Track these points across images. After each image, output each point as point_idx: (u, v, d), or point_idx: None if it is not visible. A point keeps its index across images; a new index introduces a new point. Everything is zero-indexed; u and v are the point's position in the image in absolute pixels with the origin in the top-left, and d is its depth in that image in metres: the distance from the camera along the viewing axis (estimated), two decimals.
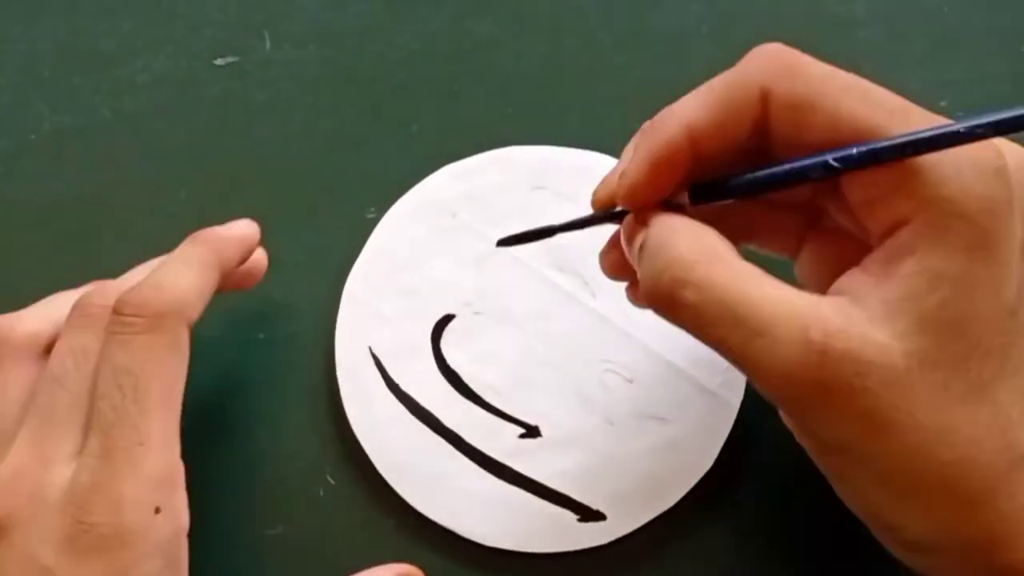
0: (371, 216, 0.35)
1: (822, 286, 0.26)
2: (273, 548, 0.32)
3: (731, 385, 0.32)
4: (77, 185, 0.37)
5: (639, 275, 0.26)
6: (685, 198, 0.26)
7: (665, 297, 0.25)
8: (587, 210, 0.28)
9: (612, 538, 0.32)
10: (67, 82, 0.38)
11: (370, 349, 0.33)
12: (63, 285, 0.32)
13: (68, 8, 0.39)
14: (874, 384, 0.23)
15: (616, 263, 0.29)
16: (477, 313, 0.34)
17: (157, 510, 0.27)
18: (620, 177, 0.26)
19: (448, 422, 0.33)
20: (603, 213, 0.27)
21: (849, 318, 0.24)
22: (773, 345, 0.24)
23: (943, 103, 0.35)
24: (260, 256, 0.33)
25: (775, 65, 0.25)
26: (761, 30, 0.37)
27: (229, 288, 0.32)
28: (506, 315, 0.34)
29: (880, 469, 0.25)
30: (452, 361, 0.33)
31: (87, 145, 0.37)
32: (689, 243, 0.25)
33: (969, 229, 0.23)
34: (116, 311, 0.27)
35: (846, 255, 0.26)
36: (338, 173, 0.33)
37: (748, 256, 0.25)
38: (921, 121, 0.24)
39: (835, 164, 0.24)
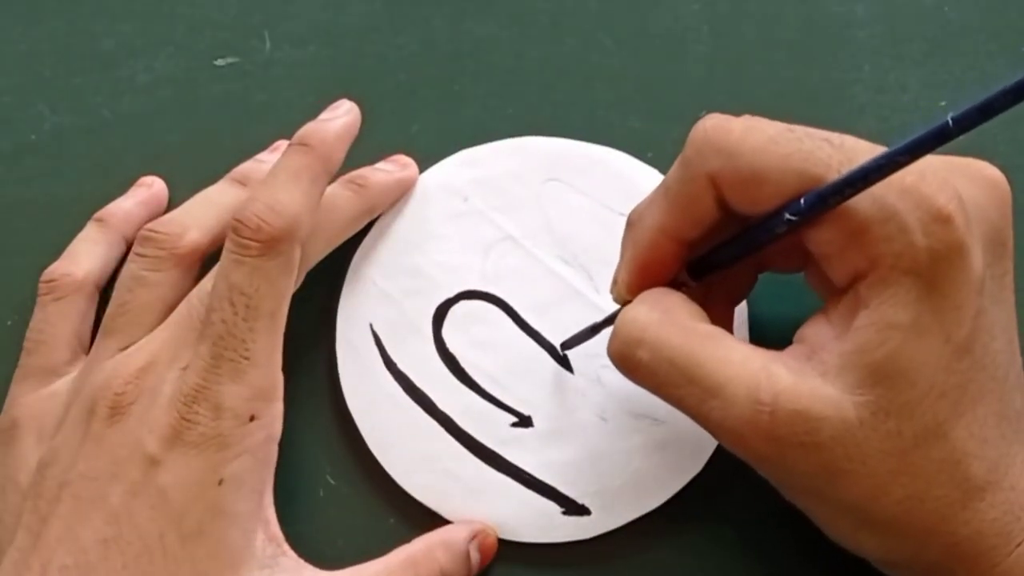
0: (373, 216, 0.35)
1: (826, 293, 0.28)
2: None
3: None
4: (77, 185, 0.37)
5: None
6: (686, 276, 0.29)
7: (621, 356, 0.27)
8: (598, 204, 0.32)
9: (594, 534, 0.32)
10: (67, 82, 0.38)
11: (371, 326, 0.33)
12: None
13: (68, 8, 0.39)
14: (826, 439, 0.25)
15: None
16: (479, 299, 0.34)
17: (252, 418, 0.29)
18: (614, 284, 0.29)
19: (441, 405, 0.33)
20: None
21: (801, 374, 0.25)
22: (725, 406, 0.26)
23: (943, 103, 0.35)
24: (409, 175, 0.35)
25: (712, 150, 0.26)
26: (761, 30, 0.37)
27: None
28: (508, 303, 0.34)
29: (835, 507, 0.27)
30: (451, 345, 0.33)
31: (87, 145, 0.37)
32: (647, 307, 0.27)
33: (917, 281, 0.25)
34: (234, 230, 0.29)
35: None
36: (338, 173, 0.33)
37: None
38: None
39: (791, 217, 0.25)
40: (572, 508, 0.32)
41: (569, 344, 0.33)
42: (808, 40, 0.37)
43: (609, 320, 0.31)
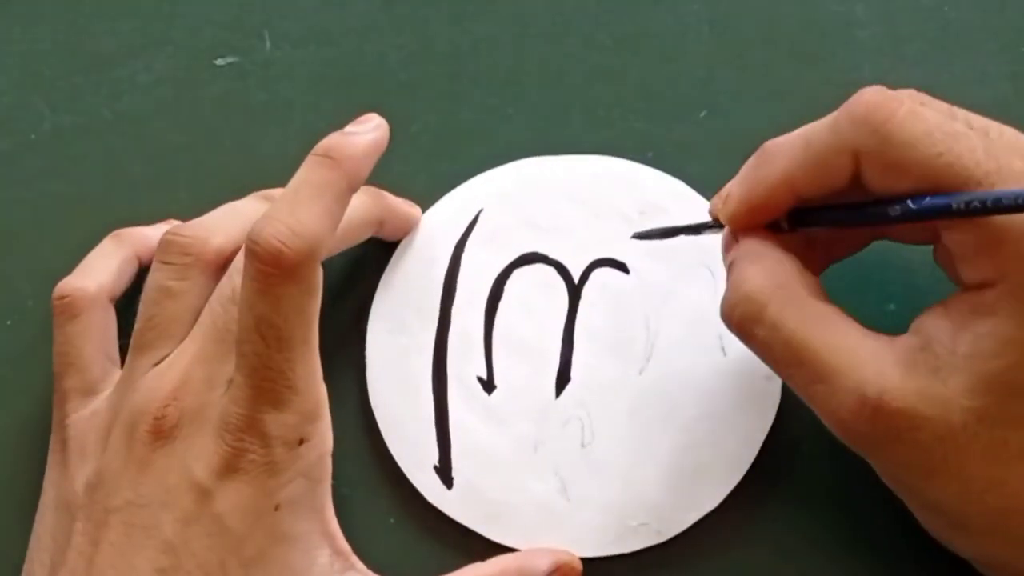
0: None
1: (954, 277, 0.27)
2: None
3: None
4: (77, 185, 0.37)
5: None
6: (784, 222, 0.29)
7: (739, 328, 0.28)
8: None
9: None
10: (67, 82, 0.38)
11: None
12: None
13: (68, 8, 0.39)
14: (926, 438, 0.25)
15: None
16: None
17: (301, 441, 0.28)
18: (724, 203, 0.29)
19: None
20: (716, 223, 0.30)
21: (911, 370, 0.25)
22: (831, 393, 0.26)
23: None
24: (414, 214, 0.35)
25: (868, 130, 0.26)
26: (761, 30, 0.37)
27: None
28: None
29: (930, 503, 0.27)
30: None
31: (87, 145, 0.37)
32: (764, 279, 0.27)
33: None
34: (253, 253, 0.27)
35: None
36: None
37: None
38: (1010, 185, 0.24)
39: (912, 207, 0.25)
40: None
41: (643, 236, 0.33)
42: (808, 40, 0.37)
43: (692, 229, 0.31)
